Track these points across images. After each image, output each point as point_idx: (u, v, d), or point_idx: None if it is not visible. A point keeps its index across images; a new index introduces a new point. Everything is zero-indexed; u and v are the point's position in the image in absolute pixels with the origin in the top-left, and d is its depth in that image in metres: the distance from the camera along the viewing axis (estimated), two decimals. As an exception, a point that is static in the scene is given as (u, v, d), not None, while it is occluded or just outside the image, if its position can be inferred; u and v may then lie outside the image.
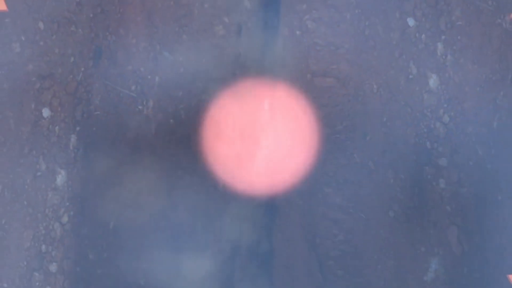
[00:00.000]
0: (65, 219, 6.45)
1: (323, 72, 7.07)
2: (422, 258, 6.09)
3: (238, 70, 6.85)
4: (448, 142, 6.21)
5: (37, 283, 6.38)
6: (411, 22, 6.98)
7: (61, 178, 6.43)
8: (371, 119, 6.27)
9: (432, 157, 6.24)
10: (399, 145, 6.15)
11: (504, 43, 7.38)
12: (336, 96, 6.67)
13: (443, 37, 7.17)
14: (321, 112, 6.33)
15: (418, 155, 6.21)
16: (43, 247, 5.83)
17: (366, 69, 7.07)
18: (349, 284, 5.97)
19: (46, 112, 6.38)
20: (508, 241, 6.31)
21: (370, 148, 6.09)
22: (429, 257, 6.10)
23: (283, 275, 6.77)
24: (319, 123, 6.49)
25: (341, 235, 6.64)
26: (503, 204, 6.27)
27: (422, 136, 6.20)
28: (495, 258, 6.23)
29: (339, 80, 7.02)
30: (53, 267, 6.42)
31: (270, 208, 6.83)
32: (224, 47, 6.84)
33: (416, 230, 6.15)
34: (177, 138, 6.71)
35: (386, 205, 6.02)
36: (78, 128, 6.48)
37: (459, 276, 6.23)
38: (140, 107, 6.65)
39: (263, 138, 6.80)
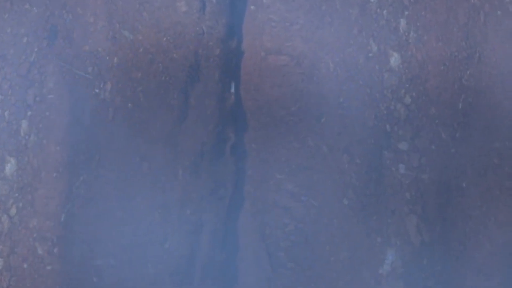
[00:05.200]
0: (13, 211, 5.47)
1: (277, 49, 5.92)
2: (378, 249, 4.55)
3: (201, 49, 5.60)
4: (409, 124, 4.68)
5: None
6: (370, -3, 4.68)
7: (10, 167, 5.41)
8: (326, 100, 5.00)
9: (392, 141, 4.66)
10: (356, 128, 4.56)
11: (471, 19, 6.23)
12: (290, 75, 5.94)
13: (406, 12, 6.10)
14: (275, 92, 5.79)
15: (376, 139, 4.63)
16: None
17: (322, 46, 5.93)
18: (299, 277, 4.40)
19: (-8, 95, 4.21)
20: (472, 231, 4.63)
21: (325, 131, 4.59)
22: (386, 248, 4.58)
23: (233, 267, 5.68)
24: (272, 105, 5.52)
25: (292, 225, 5.65)
26: (467, 191, 4.69)
27: (382, 118, 4.67)
28: (458, 249, 4.70)
29: (293, 58, 5.91)
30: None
31: (221, 197, 5.52)
32: (186, 25, 5.68)
33: (372, 219, 4.54)
34: (136, 124, 5.51)
35: (340, 192, 4.47)
36: (29, 113, 5.46)
37: (418, 269, 4.62)
38: (97, 90, 5.59)
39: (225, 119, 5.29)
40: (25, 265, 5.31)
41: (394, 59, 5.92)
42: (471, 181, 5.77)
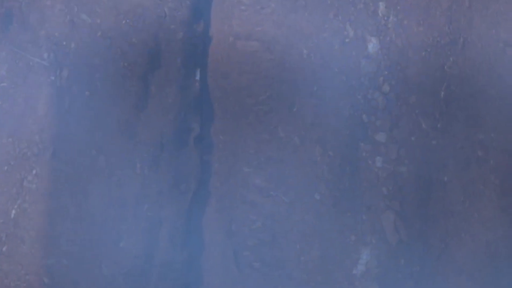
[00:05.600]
0: None
1: (247, 34, 4.91)
2: (352, 248, 3.32)
3: (162, 32, 4.69)
4: (388, 114, 3.89)
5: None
6: (345, -22, 4.29)
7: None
8: (299, 88, 4.98)
9: (369, 132, 3.55)
10: (330, 118, 3.32)
11: (455, 3, 5.14)
12: (260, 62, 4.90)
13: (384, -5, 4.21)
14: (244, 80, 4.90)
15: (352, 130, 3.42)
16: None
17: (295, 31, 4.89)
18: (267, 278, 3.16)
19: None
20: (454, 228, 3.29)
21: (297, 121, 3.59)
22: (360, 247, 3.37)
23: (196, 268, 4.64)
24: (240, 93, 4.81)
25: (259, 222, 4.67)
26: (449, 185, 3.43)
27: (358, 108, 3.72)
28: (439, 248, 3.43)
29: (264, 44, 4.87)
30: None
31: (183, 192, 4.63)
32: (147, 7, 4.65)
33: (346, 215, 3.28)
34: (93, 114, 4.56)
35: (312, 187, 3.22)
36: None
37: (394, 269, 3.32)
38: (53, 77, 4.57)
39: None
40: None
41: (372, 45, 4.98)
42: (453, 174, 4.92)
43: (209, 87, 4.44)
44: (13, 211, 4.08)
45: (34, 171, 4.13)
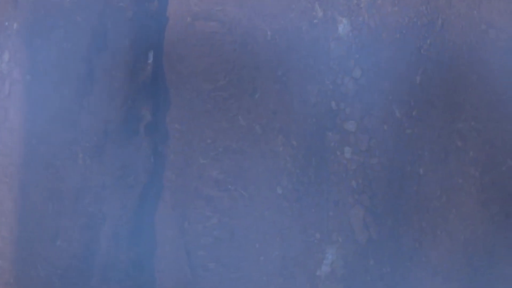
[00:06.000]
0: None
1: (206, 14, 3.86)
2: (316, 247, 1.98)
3: (109, 10, 3.65)
4: (359, 101, 2.33)
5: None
6: (312, -48, 3.76)
7: None
8: (262, 73, 4.00)
9: (337, 120, 2.15)
10: (296, 105, 2.01)
11: None
12: (220, 44, 3.89)
13: (356, -29, 3.77)
14: (202, 63, 3.88)
15: (319, 118, 2.07)
16: None
17: (259, 11, 3.86)
18: (223, 280, 1.82)
19: None
20: (429, 226, 1.91)
21: (259, 108, 2.20)
22: (325, 246, 2.03)
23: (148, 269, 3.66)
24: (198, 78, 3.83)
25: (215, 218, 3.72)
26: (425, 179, 2.04)
27: (326, 94, 2.33)
28: (412, 247, 1.99)
29: (224, 25, 3.86)
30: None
31: (131, 185, 3.69)
32: None
33: (310, 211, 1.92)
34: (33, 100, 3.61)
35: (274, 180, 1.82)
36: None
37: (363, 270, 1.97)
38: None
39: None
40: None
41: (343, 26, 4.02)
42: (429, 167, 3.95)
43: (164, 72, 3.45)
44: None
45: (-31, 162, 3.24)
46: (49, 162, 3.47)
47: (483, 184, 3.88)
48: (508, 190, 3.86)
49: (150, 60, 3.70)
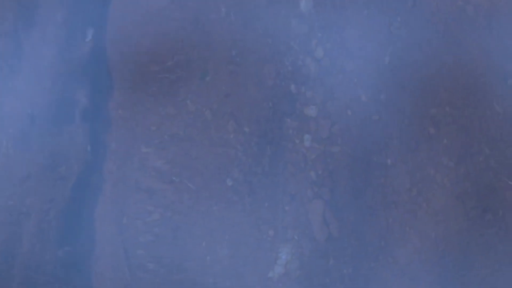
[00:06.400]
0: None
1: None
2: (269, 245, 0.59)
3: None
4: (321, 84, 0.90)
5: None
6: None
7: None
8: (214, 53, 3.44)
9: (297, 105, 0.83)
10: (250, 88, 0.70)
11: None
12: (168, 22, 3.19)
13: None
14: (147, 42, 3.19)
15: (276, 102, 0.73)
16: None
17: None
18: (164, 282, 0.50)
19: None
20: (397, 222, 0.58)
21: (210, 92, 0.83)
22: (279, 245, 0.64)
23: (86, 269, 2.94)
24: (143, 58, 3.13)
25: (157, 213, 2.94)
26: (393, 170, 0.68)
27: (285, 76, 0.88)
28: (377, 246, 0.62)
29: (173, 2, 3.14)
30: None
31: (62, 177, 2.99)
32: None
33: (263, 206, 0.61)
34: None
35: (223, 171, 0.53)
36: None
37: (321, 272, 0.63)
38: None
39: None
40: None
41: (305, 2, 3.16)
42: (398, 157, 3.05)
43: (105, 51, 2.55)
44: None
45: None
46: (-31, 151, 2.66)
47: (457, 175, 2.99)
48: (485, 182, 2.97)
49: (89, 39, 2.84)
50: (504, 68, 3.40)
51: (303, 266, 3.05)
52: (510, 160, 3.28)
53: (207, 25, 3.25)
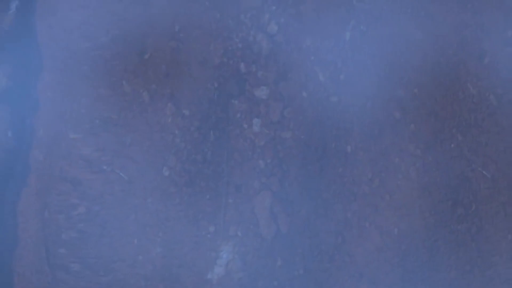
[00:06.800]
0: None
1: None
2: (209, 243, 0.15)
3: None
4: (274, 63, 0.25)
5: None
6: None
7: None
8: (154, 28, 2.55)
9: (246, 86, 0.20)
10: (193, 68, 0.17)
11: None
12: None
13: None
14: (78, 16, 2.47)
15: (222, 83, 0.19)
16: None
17: None
18: (89, 285, 0.15)
19: None
20: (356, 217, 0.13)
21: (148, 71, 0.54)
22: (221, 242, 0.15)
23: (6, 271, 2.30)
24: (73, 34, 2.42)
25: (82, 207, 2.23)
26: (353, 157, 0.15)
27: (234, 54, 0.30)
28: (333, 244, 0.13)
29: None
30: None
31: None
32: None
33: (203, 198, 0.15)
34: None
35: (159, 159, 0.13)
36: None
37: (267, 273, 0.13)
38: None
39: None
40: None
41: (258, -28, 2.81)
42: (358, 143, 2.45)
43: (31, 25, 1.72)
44: None
45: None
46: None
47: (425, 164, 2.25)
48: (457, 172, 2.22)
49: (12, 10, 2.13)
50: (480, 46, 2.64)
51: (247, 267, 2.34)
52: (484, 148, 2.53)
53: (147, -3, 2.53)
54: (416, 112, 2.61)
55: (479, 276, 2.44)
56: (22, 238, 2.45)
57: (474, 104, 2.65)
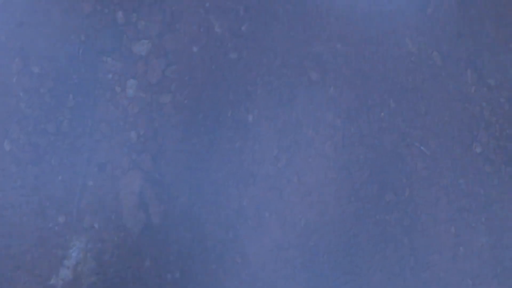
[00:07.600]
0: None
1: None
2: (56, 238, 0.29)
3: None
4: (159, 11, 0.31)
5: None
6: None
7: None
8: None
9: (123, 39, 0.45)
10: (55, 15, 0.35)
11: None
12: None
13: None
14: None
15: (91, 35, 0.43)
16: None
17: None
18: None
19: None
20: (252, 205, 0.13)
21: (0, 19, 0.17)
22: (71, 236, 0.23)
23: None
24: None
25: None
26: (254, 129, 0.25)
27: (111, 1, 0.17)
28: (220, 240, 0.15)
29: None
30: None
31: None
32: None
33: (54, 180, 0.18)
34: None
35: (0, 131, 0.16)
36: None
37: (130, 277, 0.13)
38: None
39: None
40: None
41: None
42: (263, 111, 1.55)
43: None
44: None
45: None
46: None
47: (346, 137, 1.36)
48: (388, 148, 1.32)
49: None
50: (423, -9, 1.74)
51: (103, 269, 1.51)
52: (424, 118, 1.65)
53: None
54: (338, 72, 1.75)
55: (412, 279, 1.60)
56: None
57: (413, 63, 1.79)
